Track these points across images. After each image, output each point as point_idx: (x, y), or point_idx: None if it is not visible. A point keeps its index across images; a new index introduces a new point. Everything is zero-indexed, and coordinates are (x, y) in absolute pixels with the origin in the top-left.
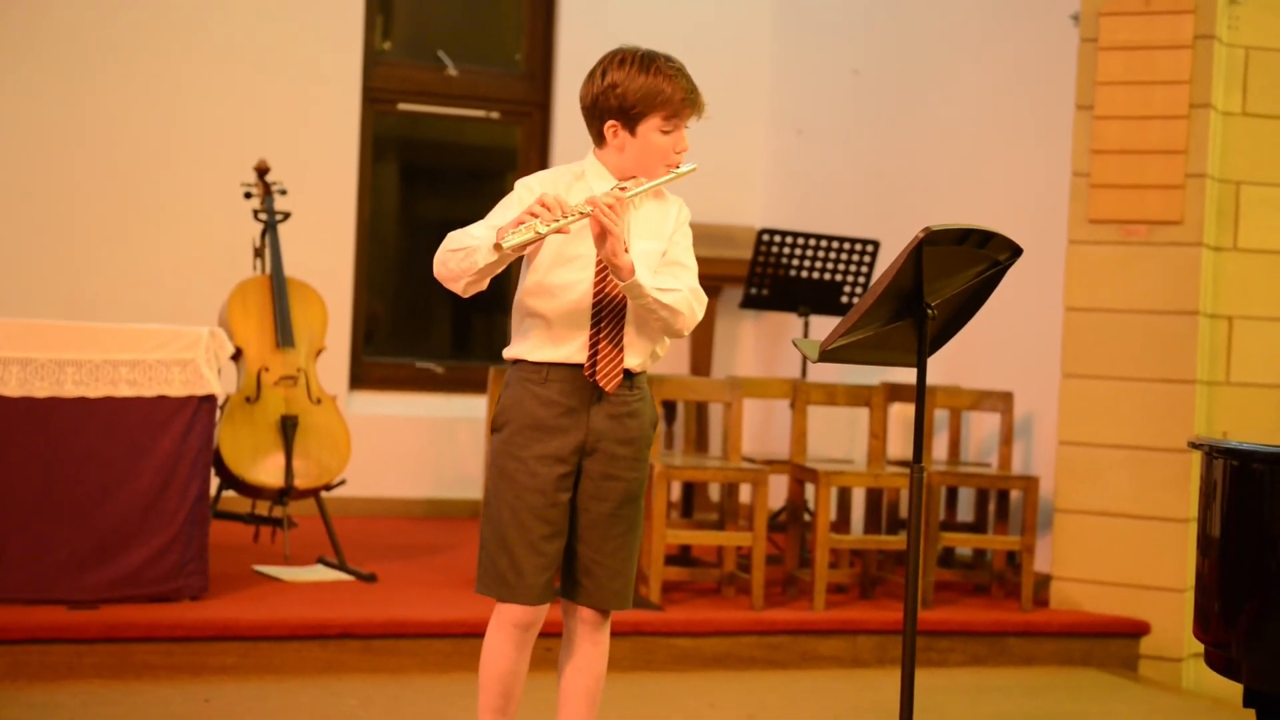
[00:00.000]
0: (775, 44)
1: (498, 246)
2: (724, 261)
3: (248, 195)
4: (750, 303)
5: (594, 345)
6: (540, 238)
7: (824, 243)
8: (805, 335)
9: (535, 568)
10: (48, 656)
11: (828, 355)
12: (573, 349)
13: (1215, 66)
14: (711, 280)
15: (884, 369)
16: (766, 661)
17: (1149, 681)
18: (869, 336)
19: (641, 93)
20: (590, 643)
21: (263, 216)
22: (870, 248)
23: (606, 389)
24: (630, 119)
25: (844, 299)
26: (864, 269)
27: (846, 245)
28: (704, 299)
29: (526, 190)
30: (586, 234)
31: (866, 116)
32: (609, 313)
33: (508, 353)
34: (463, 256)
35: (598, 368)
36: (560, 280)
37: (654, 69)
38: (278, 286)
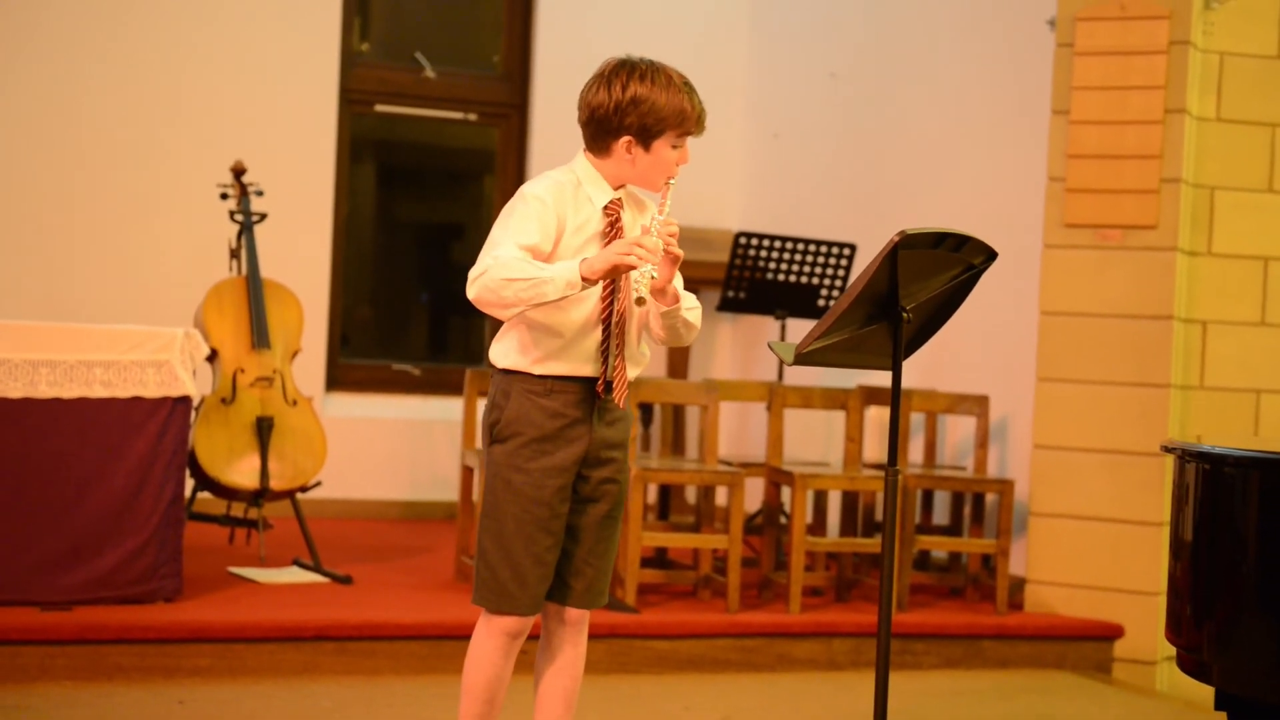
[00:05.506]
0: (752, 47)
1: (588, 280)
2: (701, 264)
3: (224, 196)
4: (727, 305)
5: (607, 361)
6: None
7: (800, 246)
8: (782, 338)
9: (538, 578)
10: (19, 658)
11: (803, 358)
12: (581, 363)
13: (1190, 72)
14: (688, 283)
15: (860, 372)
16: (742, 664)
17: (1122, 684)
18: (845, 340)
19: (667, 110)
20: (573, 645)
21: (239, 217)
22: (846, 251)
23: (619, 402)
24: (649, 135)
25: (820, 302)
26: (840, 272)
27: (823, 249)
28: None
29: (539, 203)
30: (594, 247)
31: (843, 120)
32: (618, 328)
33: (501, 362)
34: (527, 287)
35: (613, 383)
36: (572, 295)
37: (673, 86)
38: (254, 287)
